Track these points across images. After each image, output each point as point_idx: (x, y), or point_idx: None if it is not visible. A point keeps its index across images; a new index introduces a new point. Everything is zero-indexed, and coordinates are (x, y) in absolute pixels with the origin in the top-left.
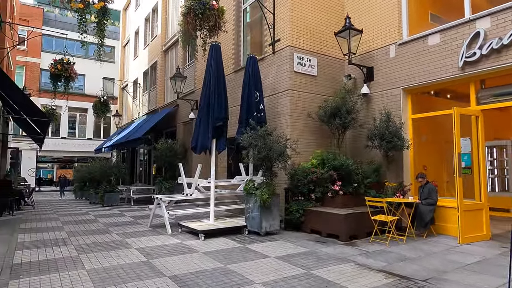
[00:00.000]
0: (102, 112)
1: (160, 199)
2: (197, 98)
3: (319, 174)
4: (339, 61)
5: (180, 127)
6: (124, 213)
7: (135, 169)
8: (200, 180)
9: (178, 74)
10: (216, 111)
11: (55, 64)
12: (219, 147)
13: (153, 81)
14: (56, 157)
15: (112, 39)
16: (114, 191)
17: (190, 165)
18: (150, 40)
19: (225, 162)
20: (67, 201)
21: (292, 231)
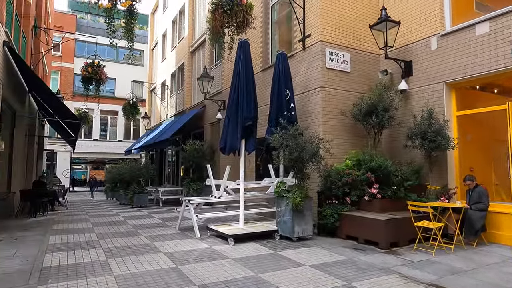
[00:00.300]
0: (132, 114)
1: (188, 202)
2: (224, 98)
3: (355, 176)
4: (373, 56)
5: (208, 128)
6: (152, 215)
7: (164, 170)
8: (228, 182)
9: (205, 74)
10: (245, 110)
11: (86, 67)
12: (248, 148)
13: (180, 83)
14: (89, 159)
15: (141, 43)
16: (143, 192)
17: (217, 166)
18: (178, 42)
19: (253, 163)
20: (98, 202)
21: (326, 237)
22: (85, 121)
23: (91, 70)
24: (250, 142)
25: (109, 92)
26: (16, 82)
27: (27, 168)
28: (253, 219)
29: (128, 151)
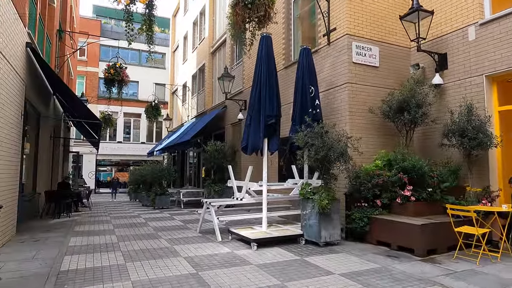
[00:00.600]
0: (154, 116)
1: (209, 204)
2: (245, 98)
3: (386, 177)
4: (403, 50)
5: (229, 128)
6: (174, 217)
7: (185, 171)
8: (251, 183)
9: (226, 74)
10: (268, 108)
11: (108, 69)
12: (271, 148)
13: (201, 84)
14: (114, 161)
15: (163, 46)
16: (164, 194)
17: (239, 167)
18: (198, 43)
19: (276, 164)
20: (121, 203)
21: (355, 242)
22: (109, 123)
23: (113, 71)
24: (273, 141)
25: (132, 95)
26: (40, 84)
27: (53, 169)
28: (276, 222)
29: (151, 153)
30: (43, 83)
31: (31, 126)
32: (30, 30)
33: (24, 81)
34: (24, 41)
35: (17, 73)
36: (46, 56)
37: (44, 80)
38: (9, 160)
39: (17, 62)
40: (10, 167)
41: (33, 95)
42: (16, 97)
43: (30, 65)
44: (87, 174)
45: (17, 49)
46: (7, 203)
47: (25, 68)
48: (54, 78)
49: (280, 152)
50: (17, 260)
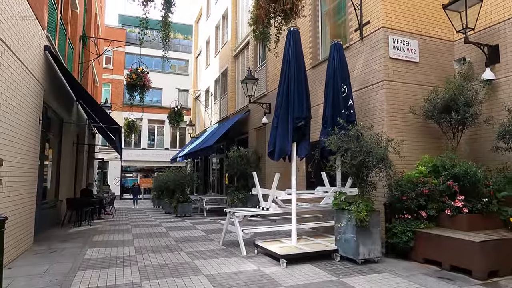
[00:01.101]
0: (176, 122)
1: (233, 214)
2: (270, 101)
3: (432, 186)
4: (446, 43)
5: (252, 133)
6: (196, 226)
7: (208, 178)
8: (278, 192)
9: (250, 76)
10: (297, 110)
11: (131, 74)
12: (300, 153)
13: (224, 88)
14: (138, 167)
15: (186, 53)
16: (187, 201)
17: (263, 174)
18: (221, 48)
19: (303, 170)
20: (144, 210)
21: (397, 259)
22: (134, 130)
23: (135, 76)
24: (302, 145)
25: (156, 102)
26: (61, 89)
27: (76, 176)
28: (305, 235)
29: (174, 159)
30: (65, 89)
31: (53, 132)
32: (49, 33)
33: (42, 85)
34: (42, 44)
35: (34, 76)
36: (69, 62)
37: (65, 86)
38: (26, 166)
39: (34, 65)
40: (28, 174)
41: (54, 101)
42: (33, 101)
43: (49, 69)
44: (113, 180)
45: (33, 52)
46: (24, 212)
47: (43, 71)
48: (75, 83)
49: (308, 158)
50: (27, 275)
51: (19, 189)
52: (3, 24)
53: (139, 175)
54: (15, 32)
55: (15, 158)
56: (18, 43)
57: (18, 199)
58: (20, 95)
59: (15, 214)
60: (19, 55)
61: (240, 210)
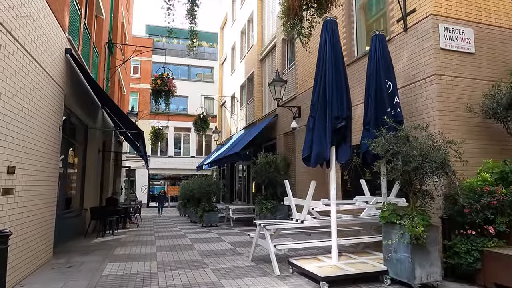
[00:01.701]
0: (202, 129)
1: (263, 227)
2: (299, 104)
3: (502, 196)
4: (506, 32)
5: (281, 139)
6: (222, 238)
7: (234, 186)
8: (314, 202)
9: (278, 78)
10: (336, 109)
11: (155, 79)
12: (340, 158)
13: (250, 94)
14: (165, 175)
15: (211, 60)
16: (213, 210)
17: (293, 181)
18: (246, 52)
19: (338, 177)
20: (170, 219)
21: (461, 284)
22: (160, 137)
23: (160, 82)
24: (342, 149)
25: (182, 110)
26: (85, 95)
27: (103, 184)
28: (346, 251)
29: (200, 167)
30: (89, 95)
31: (78, 140)
32: (71, 37)
33: (63, 88)
34: (63, 46)
35: (52, 78)
36: (94, 68)
37: (89, 91)
38: (44, 174)
39: (53, 67)
40: (46, 183)
41: (78, 106)
42: (52, 105)
43: (70, 73)
44: (140, 188)
45: (52, 53)
46: (42, 223)
47: (64, 75)
48: (99, 89)
49: (343, 164)
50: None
51: (36, 199)
52: (16, 22)
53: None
54: (30, 31)
55: (31, 165)
56: (34, 42)
57: (36, 209)
58: (37, 98)
59: (31, 226)
60: (36, 56)
61: (271, 222)
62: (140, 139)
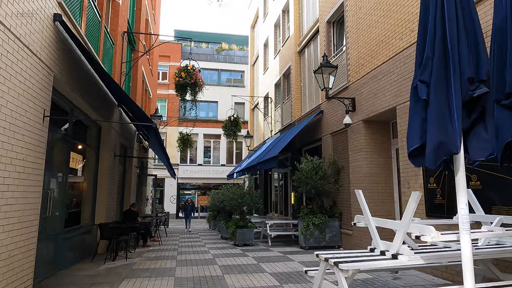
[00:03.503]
0: (233, 132)
1: (335, 265)
2: (353, 95)
3: None
4: None
5: (327, 140)
6: (261, 265)
7: (268, 196)
8: (416, 225)
9: (326, 63)
10: (467, 66)
11: (179, 72)
12: (475, 151)
13: (286, 92)
14: (195, 184)
15: (241, 64)
16: (247, 226)
17: (345, 192)
18: (281, 46)
19: (420, 185)
20: (198, 233)
21: None
22: (188, 144)
23: (184, 74)
24: (479, 136)
25: (212, 117)
26: (92, 86)
27: (124, 195)
28: None
29: (230, 175)
30: (98, 87)
31: (87, 141)
32: (68, 8)
33: (49, 68)
34: (49, 8)
35: (28, 49)
36: (107, 58)
37: (98, 83)
38: (20, 183)
39: (30, 33)
40: (22, 194)
41: (82, 99)
42: (31, 88)
43: (64, 50)
44: (169, 198)
45: (33, 21)
46: (14, 251)
47: (52, 49)
48: (110, 81)
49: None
50: None
51: (1, 219)
52: None
53: (196, 193)
54: None
55: None
56: None
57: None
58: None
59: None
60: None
61: (342, 254)
62: (152, 134)
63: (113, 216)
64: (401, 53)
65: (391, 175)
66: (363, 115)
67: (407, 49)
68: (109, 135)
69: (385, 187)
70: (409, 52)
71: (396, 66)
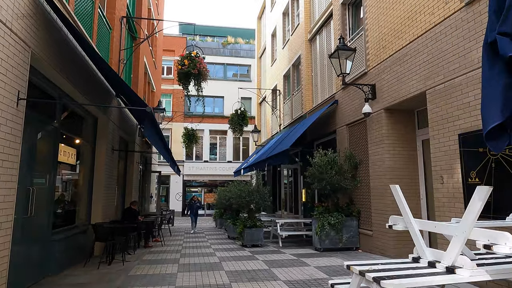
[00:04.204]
0: (239, 126)
1: (377, 282)
2: (373, 82)
3: None
4: None
5: (343, 132)
6: (273, 270)
7: (277, 193)
8: (489, 232)
9: (343, 46)
10: None
11: (181, 60)
12: None
13: (296, 83)
14: (201, 181)
15: (247, 58)
16: (256, 226)
17: (365, 189)
18: (291, 34)
19: (453, 179)
20: (203, 232)
21: None
22: (193, 140)
23: (187, 62)
24: None
25: (218, 113)
26: (84, 71)
27: (125, 192)
28: None
29: (237, 172)
30: (91, 72)
31: (82, 133)
32: None
33: (25, 42)
34: None
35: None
36: (102, 42)
37: (91, 68)
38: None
39: (1, 2)
40: None
41: (72, 85)
42: None
43: (44, 22)
44: (175, 195)
45: None
46: None
47: (27, 21)
48: (105, 67)
49: (467, 154)
50: None
51: None
52: None
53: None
54: None
55: None
56: None
57: None
58: None
59: None
60: None
61: (378, 266)
62: (147, 120)
63: (112, 215)
64: (432, 30)
65: (416, 169)
66: (385, 103)
67: (440, 25)
68: (106, 128)
69: (410, 182)
70: (442, 28)
71: (426, 45)
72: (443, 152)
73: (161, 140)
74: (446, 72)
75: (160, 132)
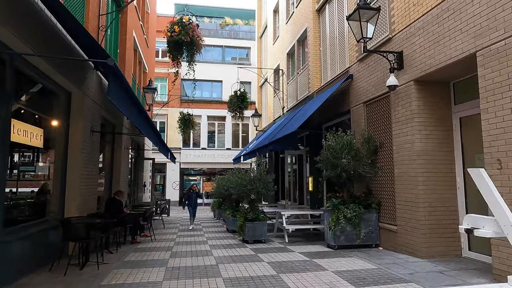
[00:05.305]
0: (239, 109)
1: None
2: (400, 48)
3: None
4: None
5: (359, 111)
6: (283, 278)
7: (280, 182)
8: None
9: (364, 4)
10: None
11: (171, 26)
12: None
13: (301, 60)
14: (199, 169)
15: (247, 40)
16: (258, 219)
17: (387, 176)
18: (295, 7)
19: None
20: (200, 224)
21: None
22: (190, 125)
23: (178, 29)
24: None
25: (216, 98)
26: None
27: (112, 180)
28: None
29: (237, 159)
30: (58, 33)
31: (51, 111)
32: None
33: None
34: None
35: None
36: (75, 2)
37: (57, 29)
38: None
39: None
40: None
41: (33, 48)
42: None
43: None
44: (171, 184)
45: None
46: None
47: None
48: (78, 28)
49: None
50: None
51: None
52: None
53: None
54: None
55: None
56: None
57: None
58: None
59: None
60: None
61: None
62: (111, 77)
63: (93, 208)
64: None
65: (452, 152)
66: (416, 73)
67: None
68: (82, 105)
69: (444, 168)
70: None
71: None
72: (502, 129)
73: (135, 105)
74: (508, 26)
75: (134, 98)
